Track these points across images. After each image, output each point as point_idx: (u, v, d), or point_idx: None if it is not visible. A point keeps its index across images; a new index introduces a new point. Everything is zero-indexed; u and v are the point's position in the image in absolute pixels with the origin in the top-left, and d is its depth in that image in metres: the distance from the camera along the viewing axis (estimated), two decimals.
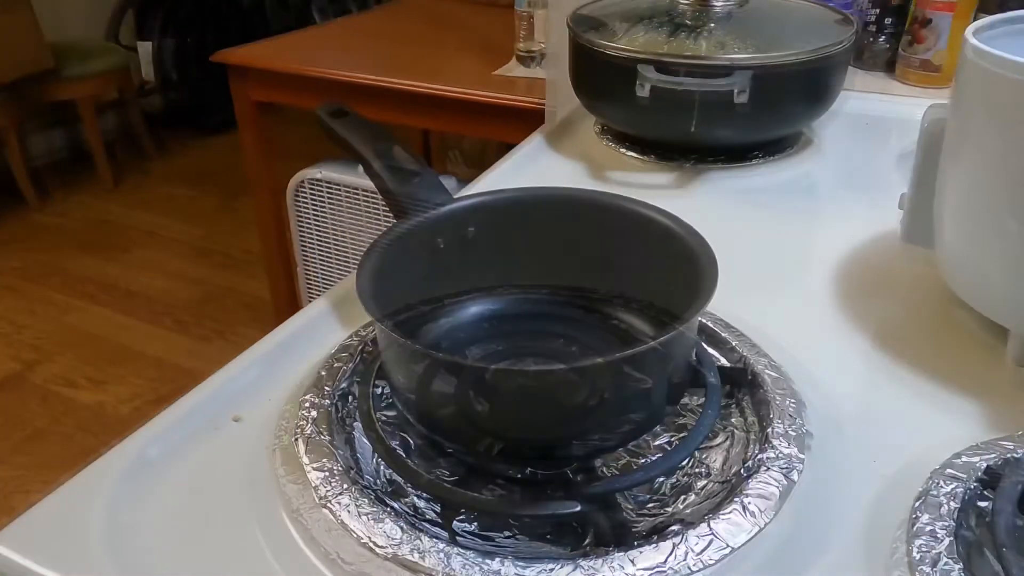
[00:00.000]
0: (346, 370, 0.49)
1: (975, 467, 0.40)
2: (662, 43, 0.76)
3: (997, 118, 0.46)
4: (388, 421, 0.46)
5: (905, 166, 0.74)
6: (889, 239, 0.62)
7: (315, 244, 1.65)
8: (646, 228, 0.46)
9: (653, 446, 0.45)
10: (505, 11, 1.62)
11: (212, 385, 0.49)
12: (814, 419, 0.45)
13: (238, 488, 0.42)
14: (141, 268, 2.59)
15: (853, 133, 0.88)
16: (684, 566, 0.36)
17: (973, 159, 0.49)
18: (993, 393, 0.47)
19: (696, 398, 0.47)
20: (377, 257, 0.43)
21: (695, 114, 0.75)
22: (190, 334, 2.29)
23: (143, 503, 0.41)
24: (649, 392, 0.39)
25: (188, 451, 0.44)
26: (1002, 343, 0.50)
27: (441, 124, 1.57)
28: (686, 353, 0.42)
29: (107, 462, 0.44)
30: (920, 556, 0.36)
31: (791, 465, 0.41)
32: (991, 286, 0.50)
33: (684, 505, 0.41)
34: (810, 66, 0.75)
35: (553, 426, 0.38)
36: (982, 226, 0.49)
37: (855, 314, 0.55)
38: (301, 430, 0.44)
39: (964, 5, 0.96)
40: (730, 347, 0.50)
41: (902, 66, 1.03)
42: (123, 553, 0.38)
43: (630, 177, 0.78)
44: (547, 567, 0.36)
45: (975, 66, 0.47)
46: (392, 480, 0.43)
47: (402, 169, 0.51)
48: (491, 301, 0.51)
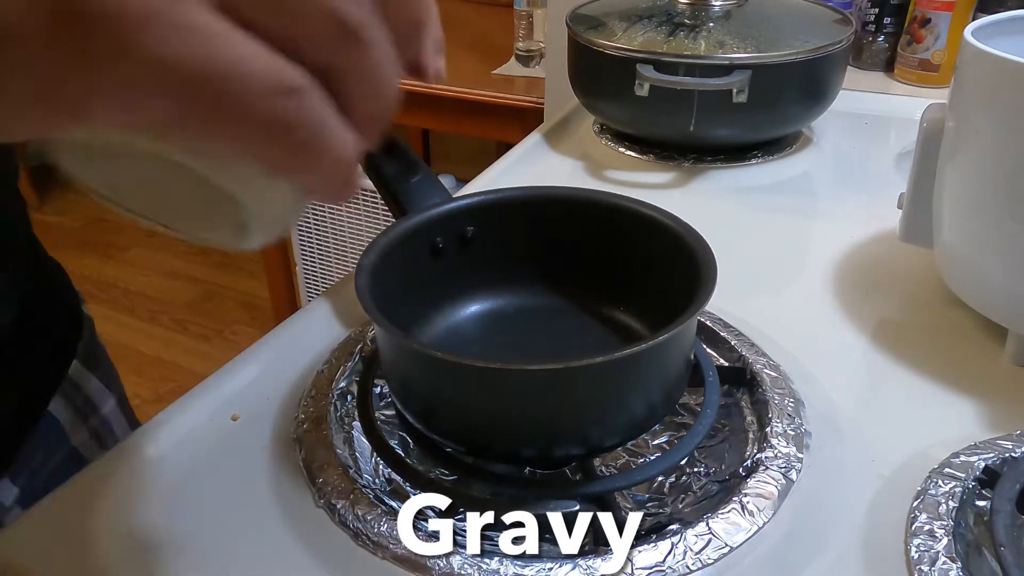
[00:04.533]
0: (345, 369, 0.49)
1: (973, 466, 0.40)
2: (661, 42, 0.76)
3: (996, 117, 0.46)
4: (387, 420, 0.46)
5: (904, 165, 0.74)
6: (888, 238, 0.62)
7: (314, 243, 1.65)
8: (645, 227, 0.46)
9: (652, 445, 0.45)
10: (504, 10, 1.63)
11: (211, 384, 0.49)
12: (813, 418, 0.45)
13: (237, 488, 0.42)
14: (140, 267, 2.59)
15: (852, 132, 0.88)
16: (683, 565, 0.36)
17: (972, 158, 0.49)
18: (992, 392, 0.47)
19: (695, 397, 0.47)
20: (376, 256, 0.43)
21: (694, 113, 0.75)
22: (189, 333, 2.29)
23: (142, 503, 0.41)
24: (648, 391, 0.39)
25: (187, 451, 0.44)
26: (1001, 342, 0.50)
27: (440, 123, 1.57)
28: (685, 352, 0.42)
29: (106, 461, 0.44)
30: (918, 555, 0.36)
31: (790, 464, 0.41)
32: (990, 285, 0.50)
33: (683, 504, 0.41)
34: (809, 65, 0.75)
35: (552, 425, 0.38)
36: (981, 225, 0.49)
37: (854, 313, 0.55)
38: (300, 429, 0.44)
39: (963, 4, 0.96)
40: (729, 346, 0.50)
41: (901, 65, 1.03)
42: (123, 553, 0.38)
43: (629, 176, 0.78)
44: (546, 567, 0.36)
45: (974, 66, 0.47)
46: (391, 479, 0.43)
47: (401, 168, 0.51)
48: (490, 300, 0.51)
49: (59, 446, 0.52)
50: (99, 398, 0.55)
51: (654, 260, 0.46)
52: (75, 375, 0.54)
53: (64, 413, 0.52)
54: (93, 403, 0.55)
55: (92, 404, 0.55)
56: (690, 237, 0.44)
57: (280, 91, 0.21)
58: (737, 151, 0.81)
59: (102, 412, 0.56)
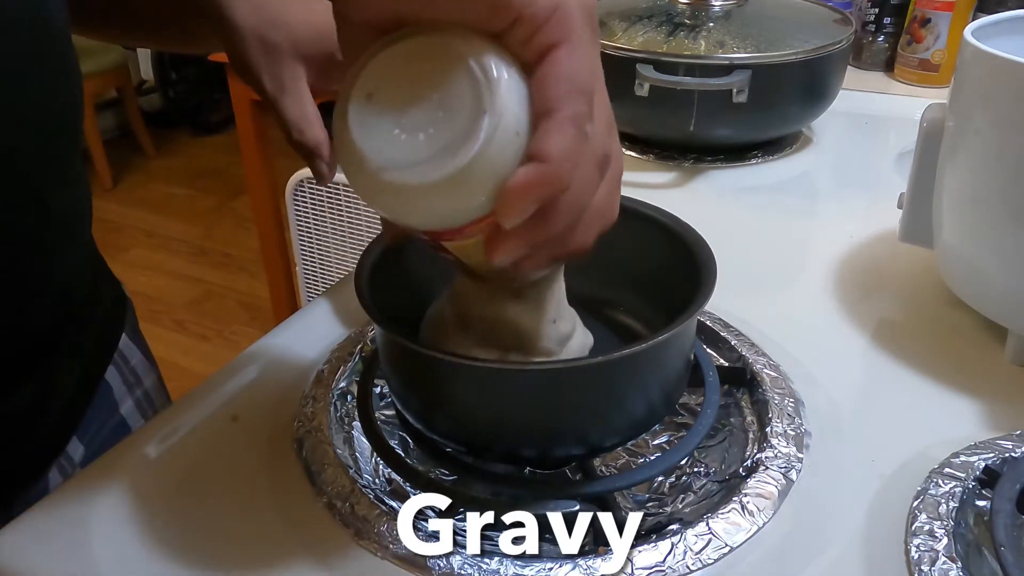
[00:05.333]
0: (345, 369, 0.49)
1: (973, 466, 0.40)
2: (661, 42, 0.76)
3: (996, 117, 0.46)
4: (387, 420, 0.46)
5: (904, 165, 0.74)
6: (888, 238, 0.62)
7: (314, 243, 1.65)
8: (644, 227, 0.46)
9: (652, 445, 0.45)
10: None
11: (211, 385, 0.49)
12: (813, 418, 0.45)
13: (236, 488, 0.42)
14: (139, 267, 2.59)
15: (852, 132, 0.88)
16: (683, 565, 0.36)
17: (972, 158, 0.49)
18: (991, 392, 0.47)
19: (695, 397, 0.47)
20: (376, 256, 0.43)
21: (694, 113, 0.75)
22: (189, 333, 2.29)
23: (142, 503, 0.41)
24: (647, 391, 0.39)
25: (187, 450, 0.44)
26: (1000, 342, 0.50)
27: None
28: (684, 352, 0.41)
29: (106, 461, 0.44)
30: (918, 555, 0.36)
31: (790, 464, 0.41)
32: (990, 285, 0.50)
33: (683, 504, 0.41)
34: (809, 65, 0.75)
35: (552, 425, 0.38)
36: (981, 225, 0.49)
37: (854, 313, 0.55)
38: (300, 429, 0.44)
39: (963, 4, 0.96)
40: (729, 346, 0.50)
41: (901, 65, 1.03)
42: (123, 553, 0.38)
43: (629, 176, 0.78)
44: (546, 567, 0.36)
45: (974, 65, 0.47)
46: (391, 479, 0.43)
47: None
48: None
49: (112, 414, 0.55)
50: (142, 371, 0.59)
51: (654, 260, 0.46)
52: (123, 347, 0.57)
53: (116, 381, 0.55)
54: (138, 375, 0.58)
55: (137, 376, 0.58)
56: (689, 237, 0.44)
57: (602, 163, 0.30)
58: (737, 151, 0.81)
59: (145, 385, 0.59)
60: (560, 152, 0.26)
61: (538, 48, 0.26)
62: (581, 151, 0.27)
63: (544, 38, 0.26)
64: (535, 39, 0.26)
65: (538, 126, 0.26)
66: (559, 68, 0.26)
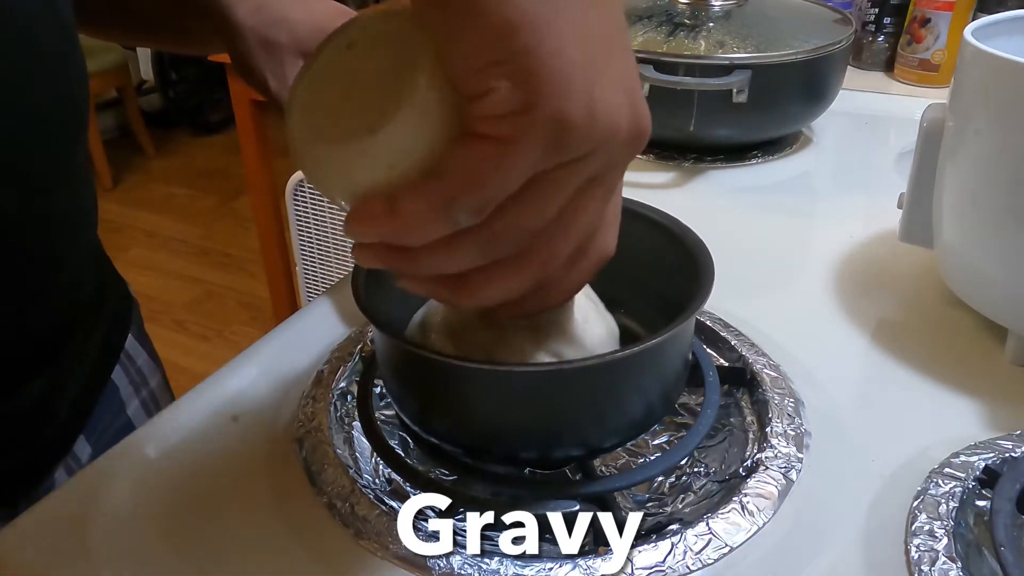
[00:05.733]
0: (345, 369, 0.49)
1: (973, 466, 0.40)
2: (661, 42, 0.76)
3: (996, 117, 0.46)
4: (387, 420, 0.46)
5: (904, 165, 0.74)
6: (888, 238, 0.62)
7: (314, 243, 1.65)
8: (643, 227, 0.46)
9: (652, 445, 0.45)
10: None
11: (211, 385, 0.49)
12: (813, 418, 0.45)
13: (236, 488, 0.42)
14: (140, 267, 2.59)
15: (852, 132, 0.88)
16: (683, 565, 0.36)
17: (972, 158, 0.49)
18: (991, 392, 0.47)
19: (695, 397, 0.47)
20: None
21: (694, 113, 0.75)
22: (189, 333, 2.29)
23: (142, 503, 0.41)
24: (646, 392, 0.39)
25: (187, 451, 0.44)
26: (1001, 342, 0.50)
27: None
28: (683, 353, 0.41)
29: (107, 461, 0.44)
30: (918, 556, 0.36)
31: (790, 464, 0.41)
32: (990, 285, 0.50)
33: (683, 504, 0.41)
34: (809, 65, 0.75)
35: (551, 426, 0.38)
36: (981, 225, 0.49)
37: (854, 313, 0.55)
38: (300, 429, 0.44)
39: (963, 4, 0.96)
40: (729, 346, 0.50)
41: (901, 65, 1.03)
42: (123, 553, 0.38)
43: (629, 176, 0.77)
44: (546, 567, 0.36)
45: (974, 65, 0.47)
46: (391, 479, 0.43)
47: None
48: None
49: (118, 414, 0.55)
50: (148, 371, 0.59)
51: (653, 261, 0.46)
52: (130, 347, 0.57)
53: (122, 381, 0.56)
54: (144, 375, 0.58)
55: (143, 376, 0.58)
56: (688, 238, 0.44)
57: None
58: (737, 151, 0.81)
59: (151, 385, 0.59)
60: (410, 209, 0.27)
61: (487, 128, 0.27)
62: (432, 220, 0.27)
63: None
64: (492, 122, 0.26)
65: (433, 171, 0.27)
66: (477, 161, 0.27)
